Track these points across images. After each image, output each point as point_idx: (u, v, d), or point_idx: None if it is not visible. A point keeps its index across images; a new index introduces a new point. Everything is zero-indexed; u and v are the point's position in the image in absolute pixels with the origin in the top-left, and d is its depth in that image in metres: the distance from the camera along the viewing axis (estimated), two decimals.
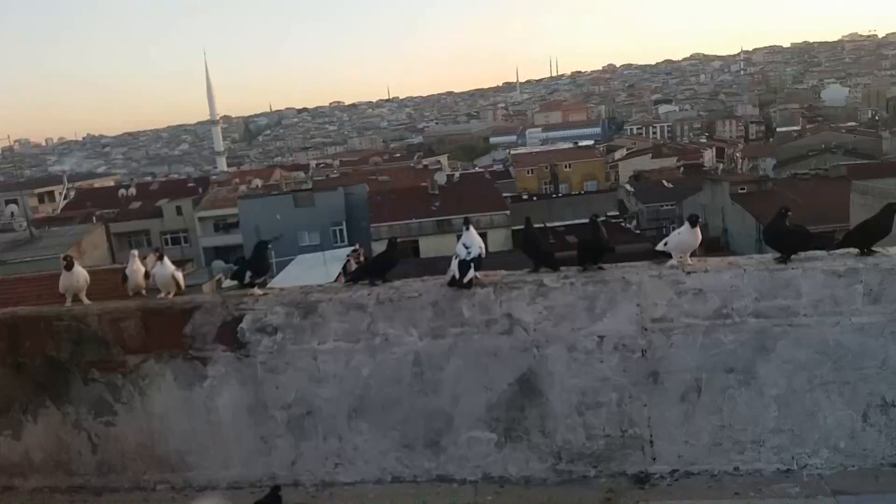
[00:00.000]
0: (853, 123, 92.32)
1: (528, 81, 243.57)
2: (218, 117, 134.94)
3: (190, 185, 58.49)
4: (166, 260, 3.91)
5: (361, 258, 23.95)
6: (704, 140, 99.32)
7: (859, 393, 3.07)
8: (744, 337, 3.14)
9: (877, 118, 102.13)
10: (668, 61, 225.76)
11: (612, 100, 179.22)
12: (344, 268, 22.05)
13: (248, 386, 3.54)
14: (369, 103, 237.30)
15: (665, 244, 3.36)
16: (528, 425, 3.36)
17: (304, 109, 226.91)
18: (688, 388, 3.22)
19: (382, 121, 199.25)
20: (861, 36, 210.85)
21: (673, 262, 3.33)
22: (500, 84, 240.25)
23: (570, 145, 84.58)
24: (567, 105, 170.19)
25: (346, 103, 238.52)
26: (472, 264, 3.36)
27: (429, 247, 34.24)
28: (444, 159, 77.56)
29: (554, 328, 3.33)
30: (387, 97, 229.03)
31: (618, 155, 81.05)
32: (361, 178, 51.67)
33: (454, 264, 3.39)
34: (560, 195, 60.15)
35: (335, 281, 22.27)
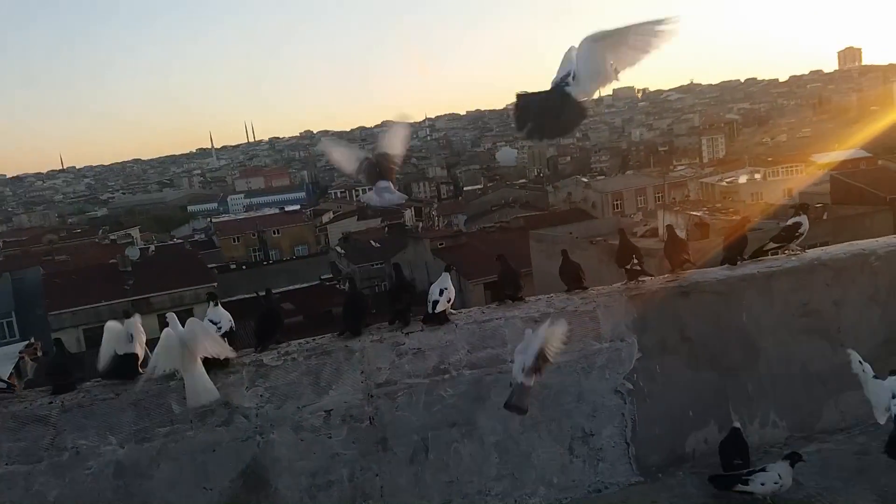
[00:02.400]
0: (524, 180, 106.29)
1: (224, 147, 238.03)
2: None
3: None
4: None
5: (39, 353, 20.76)
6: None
7: (563, 428, 3.36)
8: (461, 389, 3.26)
9: (541, 175, 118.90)
10: (361, 127, 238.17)
11: (314, 164, 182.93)
12: (17, 367, 18.91)
13: None
14: (38, 174, 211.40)
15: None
16: None
17: None
18: (416, 449, 3.23)
19: (56, 193, 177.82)
20: None
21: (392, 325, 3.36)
22: (195, 150, 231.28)
23: (277, 211, 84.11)
24: (268, 171, 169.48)
25: (9, 176, 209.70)
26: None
27: None
28: (135, 232, 71.63)
29: (278, 410, 3.13)
30: (60, 167, 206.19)
31: (325, 218, 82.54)
32: (33, 261, 45.11)
33: None
34: (271, 262, 59.20)
35: (7, 385, 18.88)
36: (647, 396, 3.42)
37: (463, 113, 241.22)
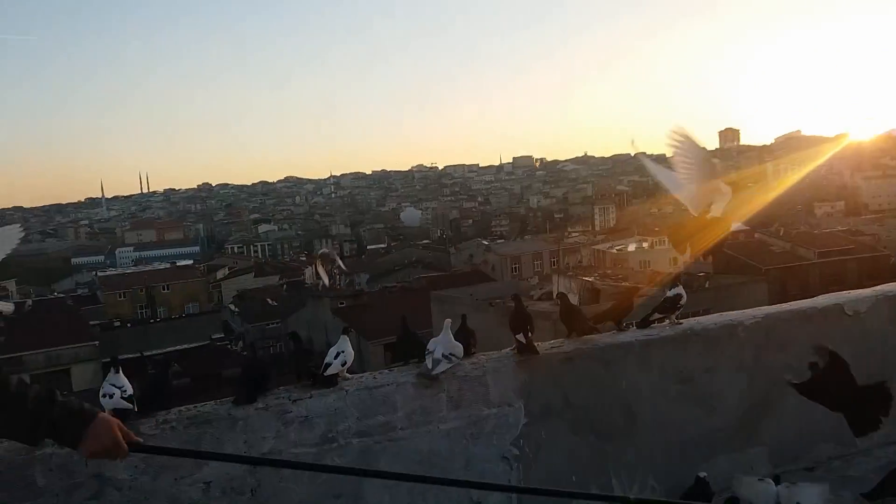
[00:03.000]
0: (427, 241, 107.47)
1: (115, 197, 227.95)
2: None
3: None
4: None
5: None
6: (304, 258, 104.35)
7: (451, 497, 3.35)
8: (349, 459, 3.21)
9: (444, 237, 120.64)
10: (263, 182, 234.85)
11: (211, 218, 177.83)
12: None
13: None
14: None
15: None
16: None
17: None
18: None
19: None
20: (426, 167, 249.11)
21: (280, 390, 3.29)
22: (83, 199, 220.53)
23: (168, 265, 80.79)
24: (161, 223, 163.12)
25: None
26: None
27: None
28: (11, 284, 66.87)
29: (153, 482, 2.96)
30: None
31: (220, 274, 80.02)
32: None
33: None
34: (158, 320, 56.47)
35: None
36: (533, 462, 3.49)
37: (368, 172, 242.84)
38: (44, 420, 1.90)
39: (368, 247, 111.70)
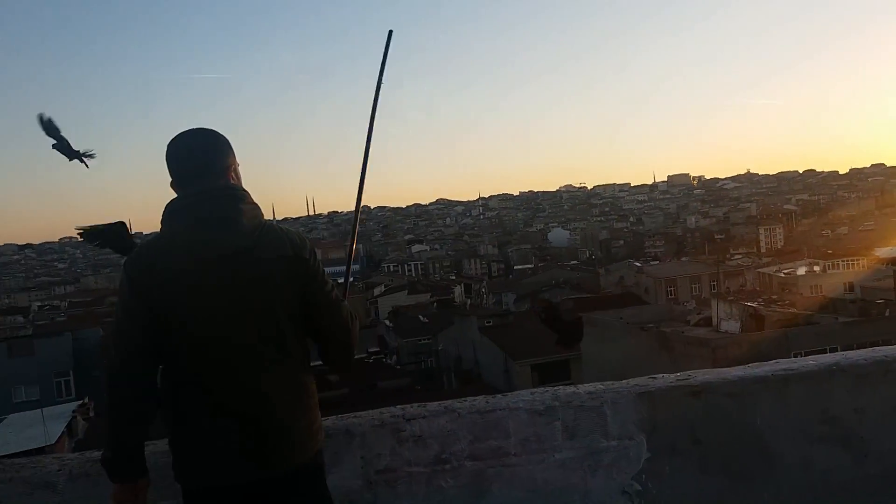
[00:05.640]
0: (575, 262, 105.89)
1: (285, 219, 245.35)
2: None
3: None
4: None
5: (91, 413, 21.21)
6: (454, 277, 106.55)
7: None
8: (462, 481, 3.21)
9: (593, 257, 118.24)
10: (416, 205, 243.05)
11: (369, 239, 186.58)
12: (69, 426, 19.31)
13: None
14: None
15: None
16: None
17: (28, 245, 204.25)
18: None
19: (122, 258, 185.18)
20: (575, 187, 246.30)
21: (394, 409, 3.37)
22: None
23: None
24: (326, 243, 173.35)
25: (79, 238, 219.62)
26: None
27: None
28: None
29: None
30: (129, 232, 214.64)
31: (377, 291, 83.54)
32: (95, 321, 46.78)
33: None
34: None
35: (56, 442, 19.36)
36: (656, 499, 3.31)
37: (516, 193, 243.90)
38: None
39: (516, 267, 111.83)
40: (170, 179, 2.26)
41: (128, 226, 3.56)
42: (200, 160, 2.21)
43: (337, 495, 3.19)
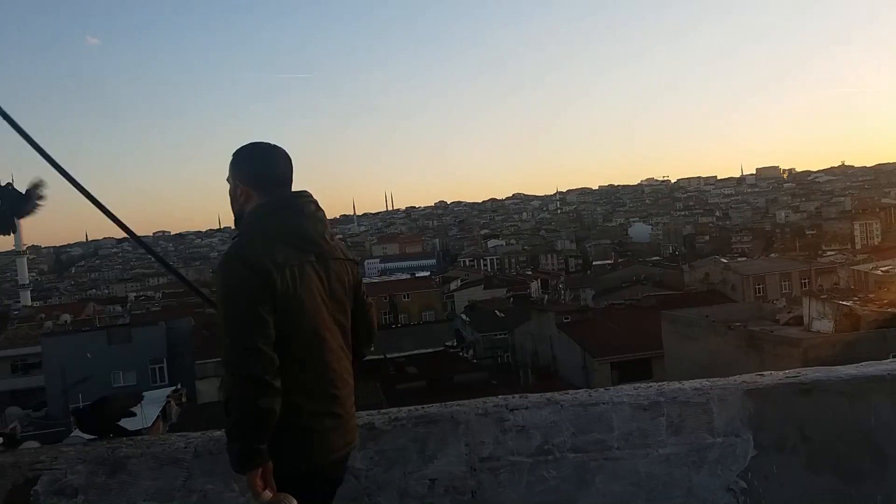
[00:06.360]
0: (657, 257, 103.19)
1: (364, 214, 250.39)
2: (24, 247, 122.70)
3: None
4: None
5: (183, 399, 22.29)
6: (530, 272, 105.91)
7: None
8: (565, 472, 3.26)
9: (677, 253, 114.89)
10: (493, 199, 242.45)
11: (445, 233, 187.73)
12: (163, 410, 20.40)
13: None
14: (198, 233, 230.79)
15: None
16: None
17: (125, 239, 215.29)
18: None
19: (212, 251, 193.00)
20: (657, 180, 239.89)
21: (497, 399, 3.45)
22: (338, 216, 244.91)
23: (408, 276, 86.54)
24: (403, 237, 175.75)
25: (173, 233, 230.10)
26: None
27: None
28: None
29: (385, 473, 3.26)
30: (217, 227, 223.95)
31: (453, 286, 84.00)
32: (187, 311, 49.02)
33: None
34: (400, 325, 60.69)
35: (152, 425, 20.52)
36: (762, 497, 3.26)
37: (595, 187, 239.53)
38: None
39: (594, 262, 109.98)
40: (243, 180, 2.40)
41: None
42: (286, 170, 2.44)
43: (442, 480, 3.30)
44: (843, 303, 30.21)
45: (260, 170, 2.39)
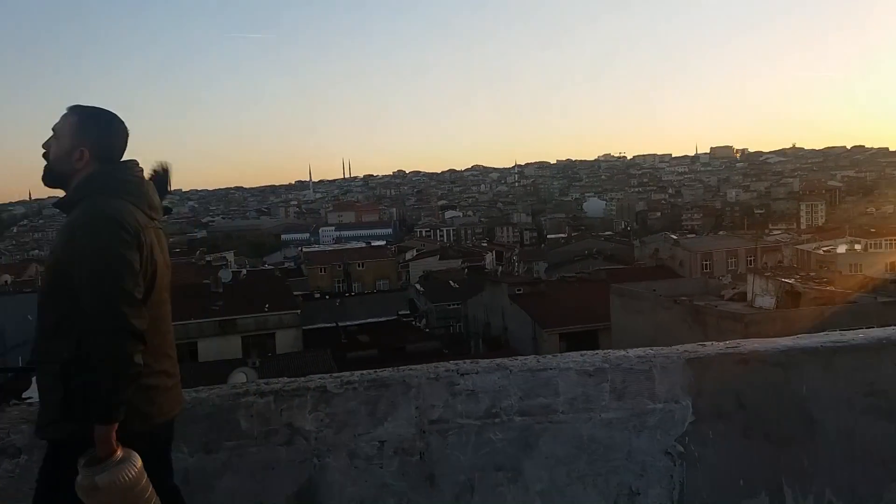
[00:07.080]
0: (609, 232, 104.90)
1: (321, 181, 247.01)
2: None
3: None
4: None
5: None
6: (485, 244, 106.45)
7: (610, 484, 3.38)
8: (511, 435, 3.35)
9: (629, 229, 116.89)
10: (451, 170, 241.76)
11: (403, 203, 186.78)
12: None
13: None
14: None
15: None
16: None
17: None
18: (462, 488, 3.33)
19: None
20: (613, 156, 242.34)
21: (448, 364, 3.50)
22: (293, 182, 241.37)
23: (364, 245, 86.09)
24: (360, 206, 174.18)
25: None
26: None
27: (209, 349, 31.82)
28: (230, 255, 74.83)
29: (336, 435, 3.30)
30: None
31: (408, 255, 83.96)
32: None
33: None
34: (353, 294, 60.46)
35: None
36: (698, 461, 3.41)
37: (553, 161, 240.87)
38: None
39: (549, 236, 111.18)
40: (88, 144, 2.37)
41: None
42: (126, 145, 2.51)
43: (392, 442, 3.35)
44: (786, 280, 31.28)
45: (107, 139, 2.42)
